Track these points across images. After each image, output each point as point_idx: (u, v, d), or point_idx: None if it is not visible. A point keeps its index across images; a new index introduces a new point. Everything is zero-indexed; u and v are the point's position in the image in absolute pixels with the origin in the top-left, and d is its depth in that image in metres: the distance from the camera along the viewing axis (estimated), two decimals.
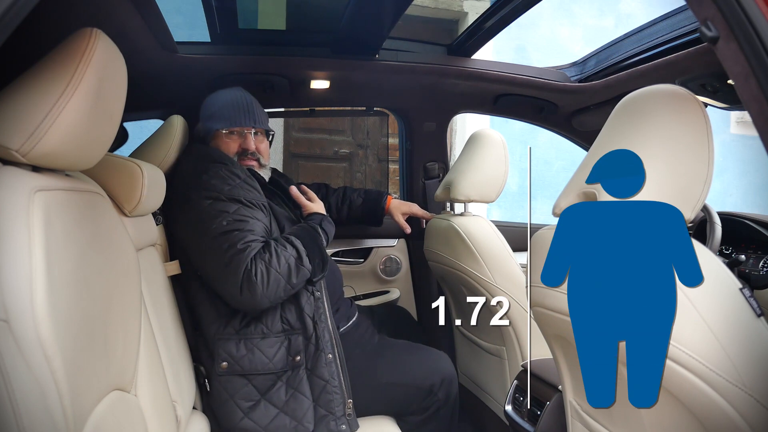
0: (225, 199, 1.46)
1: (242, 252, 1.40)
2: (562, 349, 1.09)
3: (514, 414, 1.50)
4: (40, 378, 0.69)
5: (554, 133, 2.42)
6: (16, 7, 0.66)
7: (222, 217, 1.44)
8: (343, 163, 4.46)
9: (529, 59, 4.46)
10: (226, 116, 1.66)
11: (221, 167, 1.51)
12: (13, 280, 0.68)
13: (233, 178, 1.50)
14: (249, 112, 1.68)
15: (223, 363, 1.46)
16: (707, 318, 0.74)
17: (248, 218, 1.46)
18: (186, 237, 1.51)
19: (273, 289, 1.42)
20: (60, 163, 0.83)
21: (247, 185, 1.52)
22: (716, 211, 1.57)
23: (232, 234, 1.42)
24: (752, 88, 0.71)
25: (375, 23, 1.73)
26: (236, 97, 1.69)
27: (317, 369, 1.49)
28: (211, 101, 1.70)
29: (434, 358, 1.67)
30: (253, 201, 1.50)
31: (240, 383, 1.46)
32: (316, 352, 1.50)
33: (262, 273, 1.40)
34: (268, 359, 1.47)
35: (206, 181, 1.48)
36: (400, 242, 2.45)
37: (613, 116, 0.95)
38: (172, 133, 1.67)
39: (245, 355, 1.46)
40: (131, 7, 1.25)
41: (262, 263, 1.41)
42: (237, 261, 1.39)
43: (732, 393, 0.73)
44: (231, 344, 1.47)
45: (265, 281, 1.40)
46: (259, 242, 1.44)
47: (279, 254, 1.44)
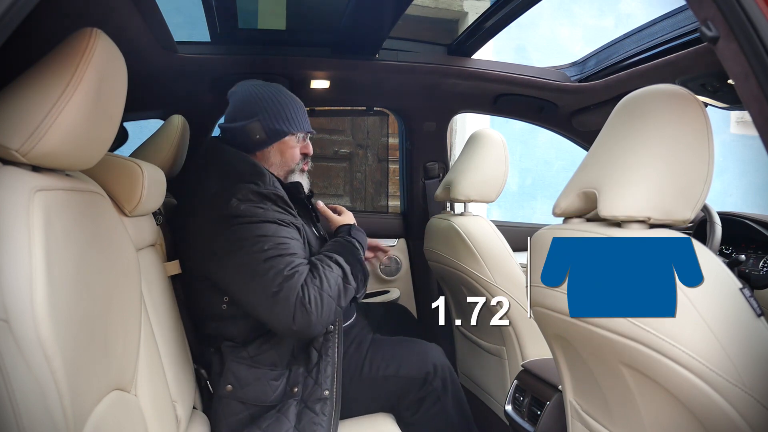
0: (260, 221, 1.36)
1: (291, 278, 1.31)
2: (562, 349, 1.09)
3: (514, 414, 1.50)
4: (40, 378, 0.69)
5: (554, 133, 2.42)
6: (16, 7, 0.66)
7: (262, 242, 1.34)
8: (343, 163, 4.46)
9: (529, 59, 4.46)
10: (297, 119, 1.57)
11: (252, 188, 1.40)
12: (13, 280, 0.67)
13: (264, 201, 1.39)
14: (306, 113, 1.63)
15: (228, 386, 1.41)
16: (707, 318, 0.74)
17: (288, 240, 1.37)
18: (217, 265, 1.39)
19: (327, 314, 1.34)
20: (60, 163, 0.83)
21: (280, 207, 1.42)
22: (716, 211, 1.57)
23: (276, 260, 1.33)
24: (752, 88, 0.71)
25: (375, 23, 1.73)
26: (293, 98, 1.60)
27: (311, 402, 1.43)
28: (269, 98, 1.55)
29: (425, 348, 1.64)
30: (287, 221, 1.40)
31: (237, 408, 1.41)
32: (314, 387, 1.44)
33: (315, 299, 1.32)
34: (272, 392, 1.42)
35: (237, 205, 1.37)
36: (400, 242, 2.45)
37: (613, 116, 0.95)
38: (172, 132, 1.67)
39: (251, 385, 1.41)
40: (131, 7, 1.25)
41: (314, 288, 1.33)
42: (287, 289, 1.30)
43: (732, 393, 0.73)
44: (242, 369, 1.41)
45: (320, 307, 1.32)
46: (305, 265, 1.36)
47: (328, 276, 1.36)
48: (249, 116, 1.54)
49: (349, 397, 1.54)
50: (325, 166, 4.41)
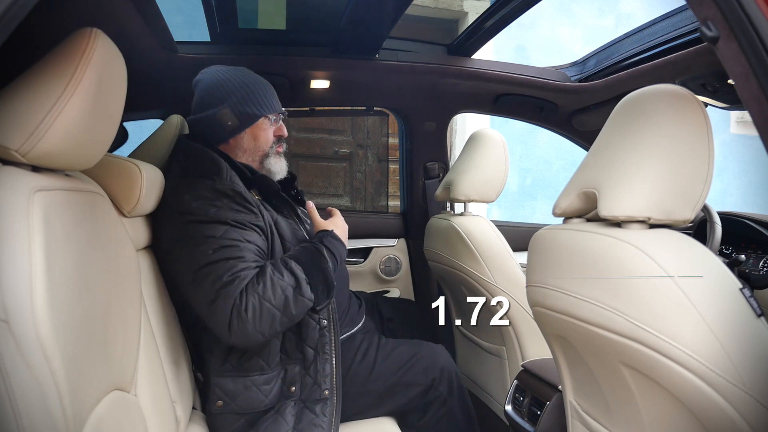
0: (209, 221, 1.29)
1: (229, 285, 1.24)
2: (562, 349, 1.09)
3: (514, 414, 1.50)
4: (40, 378, 0.69)
5: (554, 133, 2.42)
6: (16, 7, 0.65)
7: (207, 244, 1.27)
8: (343, 163, 4.46)
9: (529, 59, 4.46)
10: (267, 101, 1.51)
11: (208, 185, 1.33)
12: (13, 280, 0.67)
13: (220, 198, 1.32)
14: (275, 94, 1.56)
15: (218, 402, 1.37)
16: (707, 318, 0.74)
17: (237, 242, 1.29)
18: (170, 262, 1.35)
19: (267, 325, 1.26)
20: (60, 163, 0.83)
21: (237, 204, 1.34)
22: (716, 211, 1.57)
23: (218, 264, 1.25)
24: (752, 88, 0.71)
25: (375, 23, 1.73)
26: (260, 79, 1.53)
27: (310, 403, 1.41)
28: (237, 82, 1.49)
29: (432, 352, 1.63)
30: (243, 222, 1.32)
31: (233, 419, 1.38)
32: (313, 386, 1.41)
33: (254, 307, 1.24)
34: (264, 396, 1.38)
35: (189, 202, 1.31)
36: (400, 242, 2.45)
37: (613, 116, 0.95)
38: (171, 133, 1.67)
39: (241, 394, 1.37)
40: (131, 7, 1.25)
41: (254, 296, 1.24)
42: (224, 296, 1.23)
43: (732, 393, 0.73)
44: (227, 381, 1.37)
45: (257, 316, 1.24)
46: (251, 270, 1.27)
47: (275, 284, 1.27)
48: (218, 103, 1.48)
49: (355, 407, 1.54)
50: (325, 166, 4.41)
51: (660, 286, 0.77)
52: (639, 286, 0.79)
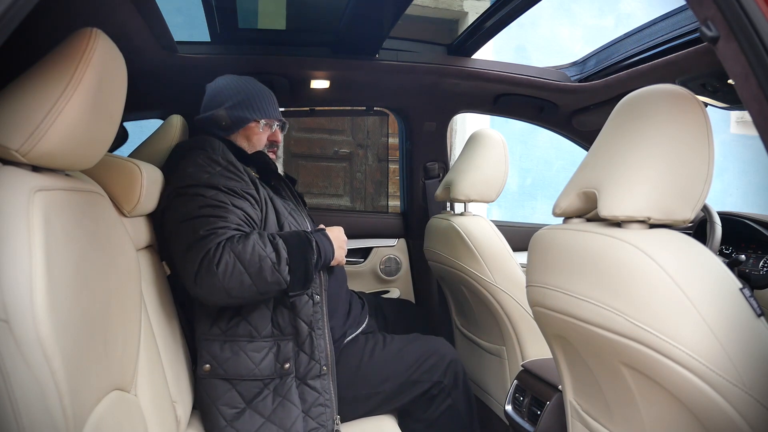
0: (203, 185, 1.35)
1: (203, 239, 1.27)
2: (562, 349, 1.09)
3: (514, 414, 1.50)
4: (40, 378, 0.69)
5: (554, 133, 2.42)
6: (16, 7, 0.65)
7: (195, 202, 1.33)
8: (343, 163, 4.46)
9: (529, 59, 4.46)
10: (262, 107, 1.62)
11: (200, 153, 1.41)
12: (13, 280, 0.68)
13: (213, 165, 1.39)
14: (276, 104, 1.67)
15: (206, 365, 1.38)
16: (707, 318, 0.74)
17: (224, 204, 1.34)
18: (165, 224, 1.40)
19: (235, 283, 1.27)
20: (60, 163, 0.83)
21: (230, 173, 1.40)
22: (716, 211, 1.57)
23: (199, 219, 1.30)
24: (752, 88, 0.71)
25: (375, 23, 1.73)
26: (263, 88, 1.65)
27: (309, 379, 1.41)
28: (236, 88, 1.61)
29: (435, 347, 1.63)
30: (233, 189, 1.37)
31: (223, 388, 1.37)
32: (310, 362, 1.41)
33: (226, 263, 1.25)
34: (254, 365, 1.38)
35: (183, 169, 1.39)
36: (400, 242, 2.45)
37: (613, 116, 0.95)
38: (171, 133, 1.67)
39: (229, 359, 1.37)
40: (131, 7, 1.25)
41: (230, 254, 1.26)
42: (197, 248, 1.26)
43: (732, 393, 0.73)
44: (215, 345, 1.38)
45: (228, 273, 1.25)
46: (229, 230, 1.30)
47: (255, 250, 1.29)
48: (217, 105, 1.61)
49: (366, 407, 1.55)
50: (325, 166, 4.41)
51: (660, 286, 0.77)
52: (639, 286, 0.79)
